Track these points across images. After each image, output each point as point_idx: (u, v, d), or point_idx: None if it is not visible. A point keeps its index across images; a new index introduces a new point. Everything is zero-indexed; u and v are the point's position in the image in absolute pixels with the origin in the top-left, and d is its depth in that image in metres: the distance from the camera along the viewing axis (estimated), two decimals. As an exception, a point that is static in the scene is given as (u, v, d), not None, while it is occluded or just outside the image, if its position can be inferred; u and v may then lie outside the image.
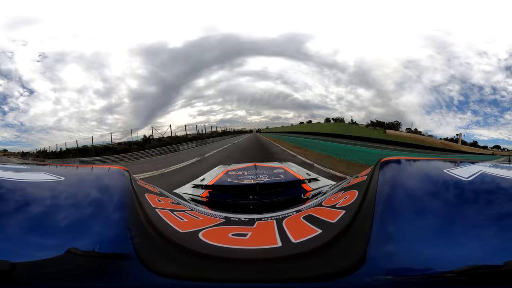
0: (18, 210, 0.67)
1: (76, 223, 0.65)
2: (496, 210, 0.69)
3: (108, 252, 0.60)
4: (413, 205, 0.70)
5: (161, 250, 0.62)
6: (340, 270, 0.55)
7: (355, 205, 0.73)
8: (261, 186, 1.49)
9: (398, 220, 0.64)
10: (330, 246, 0.61)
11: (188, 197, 1.35)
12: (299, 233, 0.67)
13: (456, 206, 0.71)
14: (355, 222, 0.66)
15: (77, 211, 0.70)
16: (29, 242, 0.59)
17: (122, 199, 0.78)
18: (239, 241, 0.66)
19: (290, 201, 1.24)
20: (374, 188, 0.76)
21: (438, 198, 0.75)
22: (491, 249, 0.56)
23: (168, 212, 0.80)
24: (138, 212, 0.72)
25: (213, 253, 0.60)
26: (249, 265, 0.59)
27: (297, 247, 0.61)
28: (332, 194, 0.95)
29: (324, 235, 0.64)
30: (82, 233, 0.62)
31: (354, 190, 0.84)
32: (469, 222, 0.64)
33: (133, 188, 0.85)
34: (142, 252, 0.59)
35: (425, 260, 0.55)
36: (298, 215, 0.81)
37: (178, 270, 0.58)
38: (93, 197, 0.80)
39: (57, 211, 0.69)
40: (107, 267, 0.58)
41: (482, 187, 0.82)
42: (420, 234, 0.60)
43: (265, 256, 0.61)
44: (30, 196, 0.76)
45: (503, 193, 0.79)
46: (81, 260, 0.57)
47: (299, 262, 0.58)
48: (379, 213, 0.65)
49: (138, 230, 0.65)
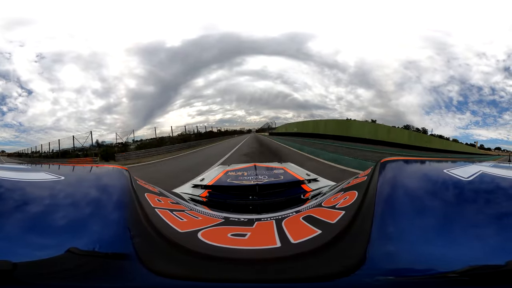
0: (19, 210, 0.67)
1: (76, 223, 0.65)
2: (497, 209, 0.69)
3: (108, 252, 0.60)
4: (413, 205, 0.70)
5: (161, 250, 0.62)
6: (340, 270, 0.55)
7: (355, 206, 0.73)
8: (261, 187, 1.48)
9: (398, 220, 0.64)
10: (329, 247, 0.60)
11: (188, 197, 1.35)
12: (299, 233, 0.66)
13: (456, 206, 0.71)
14: (355, 222, 0.66)
15: (77, 211, 0.70)
16: (29, 242, 0.59)
17: (122, 198, 0.78)
18: (238, 241, 0.66)
19: (289, 202, 1.24)
20: (374, 189, 0.76)
21: (438, 198, 0.75)
22: (492, 249, 0.56)
23: (167, 212, 0.80)
24: (138, 212, 0.72)
25: (212, 253, 0.60)
26: (248, 265, 0.59)
27: (296, 248, 0.61)
28: (332, 195, 0.95)
29: (323, 236, 0.64)
30: (82, 232, 0.62)
31: (354, 191, 0.84)
32: (470, 222, 0.64)
33: (133, 187, 0.85)
34: (142, 252, 0.59)
35: (426, 260, 0.55)
36: (297, 216, 0.80)
37: (177, 270, 0.58)
38: (93, 197, 0.80)
39: (57, 210, 0.69)
40: (107, 267, 0.58)
41: (482, 187, 0.82)
42: (421, 234, 0.60)
43: (264, 256, 0.60)
44: (30, 195, 0.76)
45: (503, 192, 0.79)
46: (81, 260, 0.57)
47: (299, 262, 0.58)
48: (379, 213, 0.65)
49: (137, 229, 0.65)
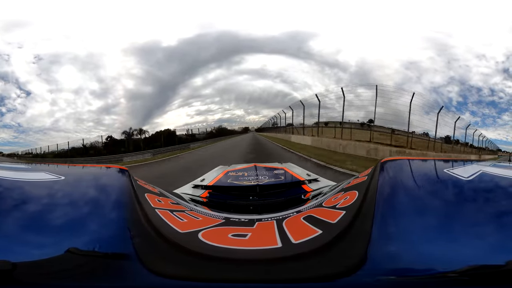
0: (18, 210, 0.67)
1: (76, 223, 0.65)
2: (497, 209, 0.69)
3: (108, 252, 0.59)
4: (413, 205, 0.70)
5: (161, 250, 0.62)
6: (341, 270, 0.55)
7: (356, 206, 0.73)
8: (261, 187, 1.48)
9: (399, 220, 0.64)
10: (330, 247, 0.60)
11: (188, 197, 1.35)
12: (300, 233, 0.66)
13: (457, 205, 0.71)
14: (355, 222, 0.66)
15: (77, 211, 0.70)
16: (29, 241, 0.58)
17: (122, 198, 0.78)
18: (239, 242, 0.66)
19: (290, 202, 1.24)
20: (375, 189, 0.76)
21: (438, 197, 0.75)
22: (493, 248, 0.56)
23: (167, 212, 0.79)
24: (138, 212, 0.72)
25: (213, 254, 0.60)
26: (249, 266, 0.59)
27: (297, 248, 0.61)
28: (332, 195, 0.95)
29: (324, 236, 0.64)
30: (81, 232, 0.62)
31: (355, 191, 0.83)
32: (470, 221, 0.64)
33: (133, 188, 0.85)
34: (142, 252, 0.59)
35: (427, 260, 0.54)
36: (298, 216, 0.80)
37: (178, 270, 0.58)
38: (93, 197, 0.79)
39: (57, 210, 0.69)
40: (106, 267, 0.58)
41: (483, 186, 0.82)
42: (421, 234, 0.60)
43: (265, 256, 0.60)
44: (30, 195, 0.76)
45: (504, 192, 0.79)
46: (81, 260, 0.57)
47: (300, 262, 0.58)
48: (379, 213, 0.65)
49: (137, 230, 0.65)
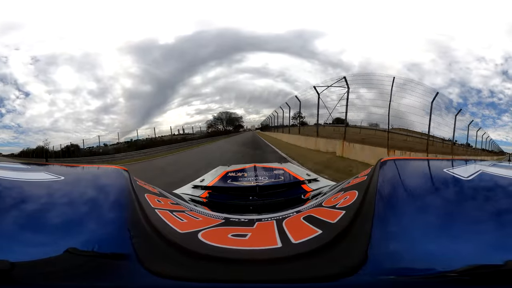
0: (18, 210, 0.66)
1: (75, 223, 0.65)
2: (497, 208, 0.69)
3: (107, 252, 0.59)
4: (413, 205, 0.70)
5: (160, 251, 0.62)
6: (341, 270, 0.55)
7: (355, 205, 0.73)
8: (261, 188, 1.49)
9: (399, 220, 0.64)
10: (330, 246, 0.60)
11: (188, 197, 1.35)
12: (299, 233, 0.66)
13: (457, 205, 0.71)
14: (355, 222, 0.66)
15: (76, 211, 0.70)
16: (28, 241, 0.58)
17: (122, 199, 0.78)
18: (238, 242, 0.66)
19: (290, 202, 1.24)
20: (374, 188, 0.76)
21: (438, 197, 0.75)
22: (493, 248, 0.56)
23: (167, 213, 0.79)
24: (138, 212, 0.72)
25: (213, 254, 0.60)
26: (249, 266, 0.59)
27: (297, 248, 0.61)
28: (332, 195, 0.95)
29: (324, 236, 0.64)
30: (81, 232, 0.62)
31: (354, 191, 0.83)
32: (470, 221, 0.64)
33: (132, 188, 0.85)
34: (141, 252, 0.59)
35: (427, 260, 0.54)
36: (298, 216, 0.80)
37: (177, 270, 0.57)
38: (92, 197, 0.79)
39: (56, 210, 0.68)
40: (106, 267, 0.57)
41: (482, 186, 0.82)
42: (422, 233, 0.60)
43: (265, 256, 0.60)
44: (30, 195, 0.76)
45: (503, 191, 0.79)
46: (80, 260, 0.57)
47: (300, 262, 0.58)
48: (379, 212, 0.65)
49: (137, 230, 0.65)
